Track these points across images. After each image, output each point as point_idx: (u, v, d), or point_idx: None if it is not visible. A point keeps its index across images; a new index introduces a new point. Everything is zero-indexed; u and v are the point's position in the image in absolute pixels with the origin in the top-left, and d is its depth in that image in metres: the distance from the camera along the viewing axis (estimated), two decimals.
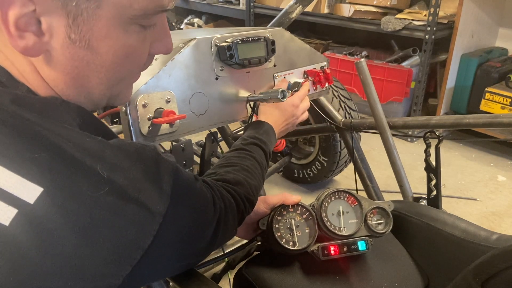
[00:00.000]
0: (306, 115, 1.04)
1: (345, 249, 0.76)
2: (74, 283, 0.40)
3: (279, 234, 0.77)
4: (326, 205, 0.79)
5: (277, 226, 0.77)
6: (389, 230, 0.80)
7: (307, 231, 0.78)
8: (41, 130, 0.40)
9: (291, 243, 0.77)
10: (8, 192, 0.38)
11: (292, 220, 0.78)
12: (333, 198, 0.80)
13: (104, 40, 0.47)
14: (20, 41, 0.44)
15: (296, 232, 0.77)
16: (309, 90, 1.12)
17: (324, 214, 0.78)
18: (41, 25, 0.44)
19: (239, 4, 3.69)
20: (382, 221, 0.81)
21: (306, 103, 1.04)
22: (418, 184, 2.02)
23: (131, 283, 0.45)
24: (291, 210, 0.78)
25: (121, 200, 0.42)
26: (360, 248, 0.77)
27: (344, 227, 0.78)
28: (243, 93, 1.01)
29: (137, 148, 0.46)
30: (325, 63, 1.18)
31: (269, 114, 0.96)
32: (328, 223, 0.78)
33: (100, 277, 0.41)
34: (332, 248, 0.75)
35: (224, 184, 0.68)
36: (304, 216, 0.79)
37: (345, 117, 1.60)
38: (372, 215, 0.80)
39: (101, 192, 0.41)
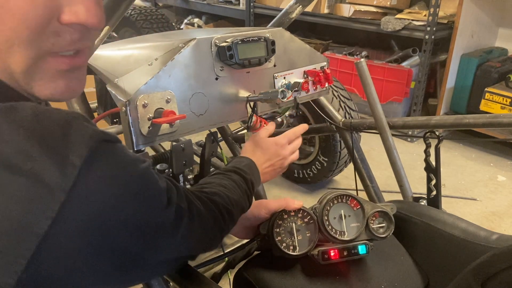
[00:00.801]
0: (296, 155, 0.96)
1: (345, 253, 0.76)
2: None
3: (279, 238, 0.76)
4: (328, 208, 0.78)
5: (277, 230, 0.77)
6: (391, 234, 0.80)
7: (308, 235, 0.78)
8: None
9: (291, 248, 0.76)
10: None
11: (293, 224, 0.77)
12: (335, 202, 0.79)
13: None
14: None
15: (297, 236, 0.77)
16: (309, 90, 1.13)
17: (326, 218, 0.78)
18: None
19: (239, 4, 3.69)
20: (383, 224, 0.81)
21: (298, 142, 0.96)
22: (418, 184, 2.02)
23: (32, 285, 0.35)
24: (292, 214, 0.78)
25: (5, 171, 0.33)
26: (360, 252, 0.77)
27: (345, 232, 0.78)
28: (243, 93, 1.01)
29: (37, 111, 0.37)
30: (325, 63, 1.18)
31: (250, 152, 0.88)
32: (330, 227, 0.77)
33: None
34: (332, 253, 0.75)
35: (197, 192, 0.60)
36: (305, 220, 0.78)
37: (345, 117, 1.60)
38: (374, 219, 0.80)
39: None
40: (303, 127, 1.01)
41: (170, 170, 1.32)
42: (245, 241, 0.84)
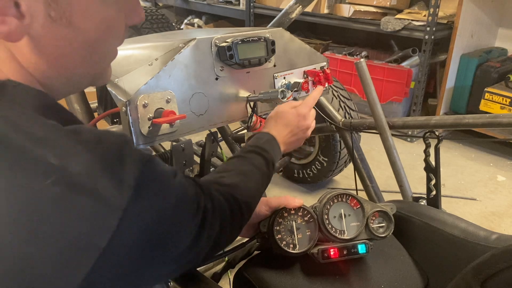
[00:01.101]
0: (314, 122, 0.97)
1: (345, 252, 0.76)
2: None
3: (279, 236, 0.77)
4: (328, 207, 0.78)
5: (278, 228, 0.77)
6: (390, 233, 0.80)
7: (308, 233, 0.78)
8: None
9: (291, 246, 0.77)
10: None
11: (293, 222, 0.78)
12: (335, 201, 0.79)
13: (84, 15, 0.46)
14: (2, 27, 0.42)
15: (297, 234, 0.77)
16: (309, 90, 1.13)
17: (326, 217, 0.78)
18: (20, 7, 0.42)
19: (239, 4, 3.69)
20: (383, 224, 0.81)
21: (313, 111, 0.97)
22: (417, 184, 2.02)
23: None
24: (292, 212, 0.78)
25: (71, 191, 0.36)
26: (360, 251, 0.77)
27: (345, 231, 0.78)
28: (243, 93, 1.01)
29: (97, 134, 0.41)
30: (325, 63, 1.18)
31: (272, 125, 0.89)
32: (329, 226, 0.78)
33: (50, 282, 0.36)
34: (332, 251, 0.75)
35: (218, 186, 0.64)
36: (306, 219, 0.78)
37: (345, 117, 1.60)
38: (374, 218, 0.80)
39: (47, 182, 0.36)
40: (319, 90, 1.00)
41: None
42: (245, 240, 0.84)
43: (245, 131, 1.06)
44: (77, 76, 0.51)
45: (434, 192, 1.06)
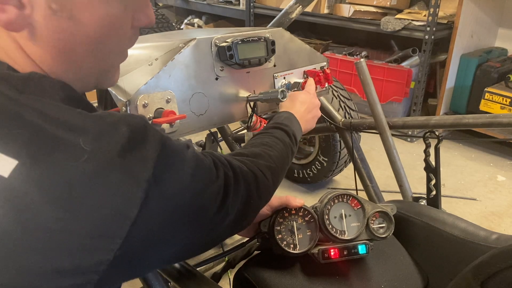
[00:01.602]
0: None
1: (345, 252, 0.76)
2: (59, 260, 0.38)
3: (280, 236, 0.77)
4: (329, 207, 0.78)
5: (278, 228, 0.77)
6: (391, 234, 0.80)
7: (309, 234, 0.78)
8: (20, 109, 0.40)
9: (292, 246, 0.77)
10: None
11: (294, 222, 0.78)
12: (336, 201, 0.79)
13: (86, 9, 0.47)
14: (2, 15, 0.43)
15: (297, 234, 0.77)
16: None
17: (327, 217, 0.78)
18: None
19: (239, 4, 3.69)
20: (384, 224, 0.81)
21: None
22: (417, 184, 2.02)
23: (126, 260, 0.42)
24: (293, 212, 0.78)
25: (102, 167, 0.40)
26: (360, 252, 0.77)
27: (345, 231, 0.78)
28: (243, 93, 1.01)
29: (121, 116, 0.45)
30: (325, 63, 1.18)
31: (288, 107, 0.94)
32: (330, 226, 0.78)
33: (87, 252, 0.39)
34: (332, 252, 0.75)
35: (237, 156, 0.66)
36: (306, 219, 0.78)
37: (345, 117, 1.60)
38: (374, 219, 0.80)
39: (80, 160, 0.39)
40: (311, 81, 1.08)
41: None
42: (245, 240, 0.84)
43: (245, 131, 1.06)
44: (83, 73, 0.52)
45: (434, 192, 1.06)
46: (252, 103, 1.02)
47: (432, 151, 1.05)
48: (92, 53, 0.51)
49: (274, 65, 1.06)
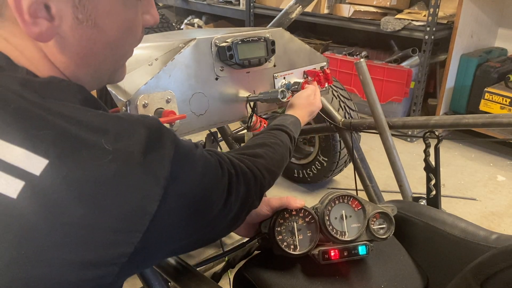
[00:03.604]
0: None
1: (345, 253, 0.76)
2: (85, 253, 0.40)
3: (280, 237, 0.76)
4: (330, 208, 0.78)
5: (279, 229, 0.77)
6: (391, 235, 0.80)
7: (309, 234, 0.78)
8: (44, 113, 0.42)
9: (292, 247, 0.76)
10: (14, 165, 0.39)
11: (295, 223, 0.78)
12: (337, 202, 0.79)
13: (108, 17, 0.50)
14: (34, 28, 0.45)
15: (298, 235, 0.77)
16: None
17: (327, 218, 0.78)
18: (50, 10, 0.46)
19: (239, 4, 3.69)
20: (384, 225, 0.80)
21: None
22: (417, 184, 2.02)
23: (143, 252, 0.45)
24: (294, 213, 0.78)
25: (125, 166, 0.43)
26: (360, 253, 0.77)
27: (346, 232, 0.78)
28: (243, 93, 1.01)
29: (138, 117, 0.48)
30: (325, 63, 1.18)
31: (297, 112, 0.99)
32: (330, 227, 0.77)
33: (111, 245, 0.42)
34: (332, 253, 0.75)
35: (238, 155, 0.69)
36: (307, 220, 0.78)
37: (345, 117, 1.60)
38: (374, 219, 0.80)
39: (105, 160, 0.41)
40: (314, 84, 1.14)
41: None
42: (245, 240, 0.84)
43: (245, 131, 1.07)
44: (99, 74, 0.55)
45: (434, 192, 1.06)
46: (252, 103, 1.03)
47: (432, 151, 1.05)
48: (110, 56, 0.54)
49: (274, 65, 1.06)
